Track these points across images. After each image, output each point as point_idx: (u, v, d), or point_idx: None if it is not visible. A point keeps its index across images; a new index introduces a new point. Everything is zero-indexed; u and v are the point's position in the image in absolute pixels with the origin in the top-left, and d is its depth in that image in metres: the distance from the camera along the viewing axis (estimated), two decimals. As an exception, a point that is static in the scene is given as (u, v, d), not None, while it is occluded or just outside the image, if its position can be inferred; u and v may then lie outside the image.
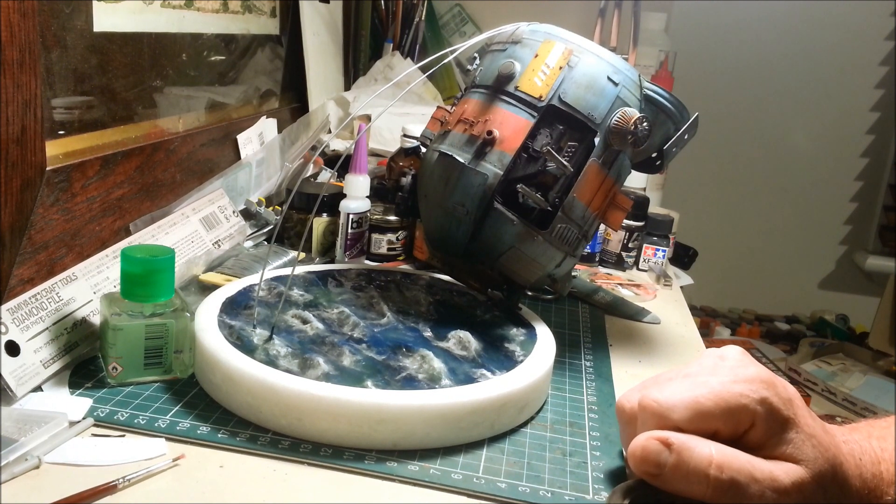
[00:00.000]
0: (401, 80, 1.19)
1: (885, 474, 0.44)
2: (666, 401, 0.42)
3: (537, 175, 0.64)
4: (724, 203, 2.08)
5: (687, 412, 0.41)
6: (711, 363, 0.45)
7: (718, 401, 0.41)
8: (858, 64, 1.95)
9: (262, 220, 0.86)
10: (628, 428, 0.47)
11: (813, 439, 0.41)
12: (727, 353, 0.45)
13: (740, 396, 0.41)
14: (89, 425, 0.49)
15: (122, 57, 0.70)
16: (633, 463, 0.42)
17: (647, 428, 0.43)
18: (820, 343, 1.80)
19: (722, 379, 0.42)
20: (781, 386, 0.42)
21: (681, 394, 0.42)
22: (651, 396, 0.43)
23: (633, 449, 0.42)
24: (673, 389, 0.43)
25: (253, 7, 0.99)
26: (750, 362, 0.44)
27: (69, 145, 0.63)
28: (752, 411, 0.41)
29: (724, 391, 0.41)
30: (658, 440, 0.41)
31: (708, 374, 0.43)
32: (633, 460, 0.42)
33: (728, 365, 0.44)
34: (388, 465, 0.48)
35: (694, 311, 1.95)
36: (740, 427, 0.41)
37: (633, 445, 0.42)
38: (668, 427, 0.42)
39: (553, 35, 0.66)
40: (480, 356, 0.57)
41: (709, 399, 0.41)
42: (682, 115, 0.68)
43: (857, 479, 0.43)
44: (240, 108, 0.98)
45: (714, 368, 0.44)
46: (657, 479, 0.41)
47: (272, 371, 0.50)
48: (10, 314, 0.51)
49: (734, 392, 0.41)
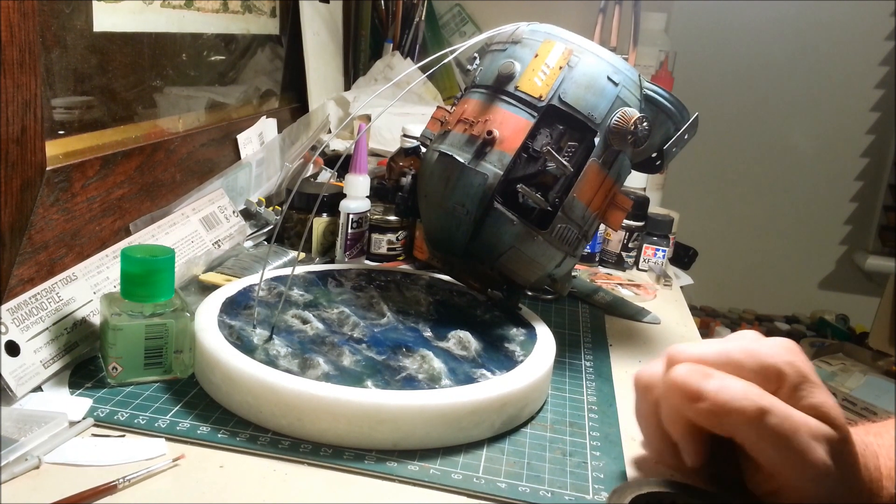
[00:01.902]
0: (401, 80, 1.19)
1: (883, 469, 0.44)
2: (697, 352, 0.42)
3: (537, 175, 0.64)
4: (724, 203, 2.08)
5: (718, 361, 0.41)
6: (731, 336, 0.45)
7: (749, 355, 0.41)
8: (858, 64, 1.95)
9: (262, 220, 0.86)
10: (648, 395, 0.45)
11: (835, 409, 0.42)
12: (744, 333, 0.46)
13: (770, 356, 0.41)
14: (89, 425, 0.49)
15: (122, 57, 0.70)
16: (669, 392, 0.41)
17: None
18: (820, 343, 1.80)
19: (747, 343, 0.43)
20: (804, 355, 0.43)
21: (710, 348, 0.42)
22: (679, 348, 0.43)
23: (672, 376, 0.40)
24: (701, 346, 0.43)
25: (253, 7, 0.99)
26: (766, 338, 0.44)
27: (69, 145, 0.63)
28: (780, 370, 0.41)
29: (754, 349, 0.42)
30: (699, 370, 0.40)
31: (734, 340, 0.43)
32: (672, 387, 0.40)
33: (751, 335, 0.44)
34: (388, 465, 0.48)
35: (694, 311, 1.94)
36: (769, 385, 0.41)
37: (673, 372, 0.40)
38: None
39: (553, 35, 0.66)
40: (480, 356, 0.57)
41: (741, 353, 0.41)
42: (682, 115, 0.68)
43: (862, 467, 0.43)
44: (240, 108, 0.98)
45: (736, 339, 0.44)
46: (695, 406, 0.39)
47: (272, 371, 0.50)
48: (10, 314, 0.51)
49: (762, 351, 0.41)
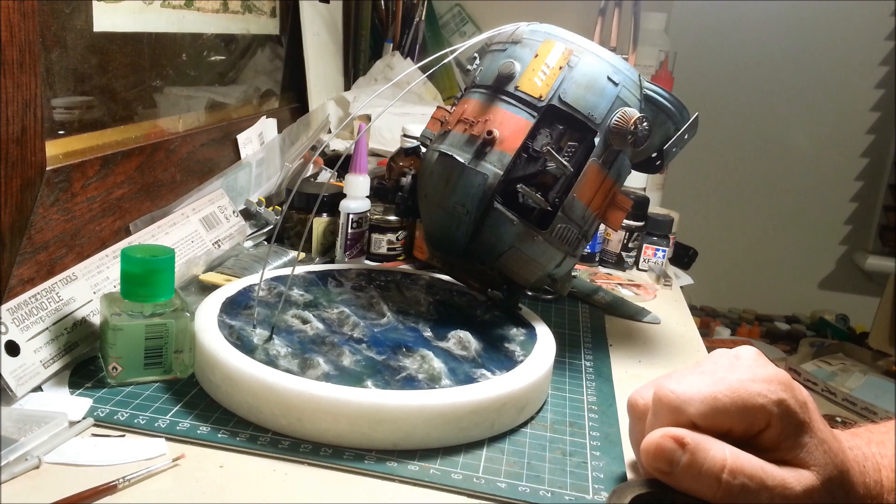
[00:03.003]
0: (401, 80, 1.19)
1: (885, 481, 0.43)
2: (683, 393, 0.42)
3: (537, 175, 0.64)
4: (724, 203, 2.08)
5: (703, 406, 0.41)
6: (727, 362, 0.44)
7: (736, 398, 0.41)
8: (858, 64, 1.95)
9: (262, 220, 0.86)
10: (639, 424, 0.46)
11: (824, 445, 0.41)
12: (743, 353, 0.45)
13: (758, 396, 0.40)
14: (89, 425, 0.49)
15: (122, 57, 0.70)
16: (645, 459, 0.41)
17: (661, 421, 0.42)
18: (820, 343, 1.80)
19: (740, 377, 0.42)
20: (798, 389, 0.42)
21: (698, 388, 0.42)
22: (668, 387, 0.42)
23: (646, 445, 0.41)
24: (690, 383, 0.42)
25: (253, 7, 0.99)
26: (766, 362, 0.44)
27: (69, 145, 0.63)
28: (769, 412, 0.40)
29: (742, 389, 0.41)
30: (673, 438, 0.40)
31: (725, 371, 0.43)
32: (646, 456, 0.41)
33: (745, 364, 0.43)
34: (388, 465, 0.48)
35: (694, 311, 1.95)
36: (755, 427, 0.41)
37: (647, 442, 0.41)
38: (683, 421, 0.41)
39: (553, 35, 0.66)
40: (480, 356, 0.57)
41: (726, 396, 0.41)
42: (682, 115, 0.68)
43: (862, 486, 0.43)
44: (240, 108, 0.98)
45: (731, 367, 0.43)
46: (668, 476, 0.41)
47: (272, 371, 0.50)
48: (10, 314, 0.51)
49: (752, 391, 0.41)
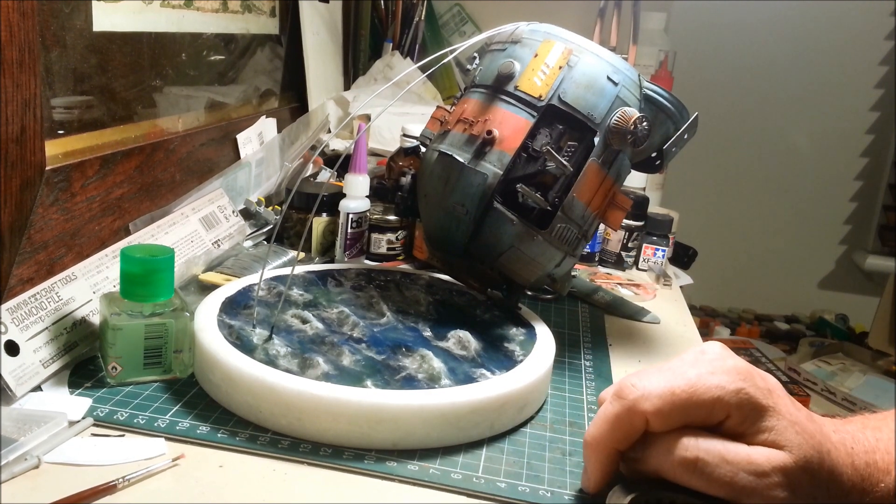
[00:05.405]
0: (400, 79, 1.19)
1: (879, 463, 0.44)
2: (644, 388, 0.43)
3: (537, 175, 0.64)
4: (724, 203, 2.08)
5: (659, 401, 0.42)
6: (692, 357, 0.45)
7: (692, 392, 0.42)
8: (858, 64, 1.95)
9: (261, 219, 0.86)
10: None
11: (796, 426, 0.42)
12: (708, 349, 0.46)
13: (715, 388, 0.42)
14: (89, 425, 0.49)
15: (121, 57, 0.70)
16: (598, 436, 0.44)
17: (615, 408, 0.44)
18: (819, 343, 1.80)
19: (699, 371, 0.43)
20: (759, 377, 0.43)
21: (657, 383, 0.43)
22: (630, 381, 0.44)
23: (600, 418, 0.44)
24: (651, 379, 0.43)
25: (252, 7, 0.99)
26: (729, 356, 0.45)
27: (69, 145, 0.63)
28: (726, 402, 0.42)
29: (700, 383, 0.42)
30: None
31: (688, 366, 0.44)
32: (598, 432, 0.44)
33: (708, 358, 0.45)
34: (387, 464, 0.48)
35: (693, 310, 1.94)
36: (714, 418, 0.42)
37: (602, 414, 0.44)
38: (638, 416, 0.43)
39: (553, 35, 0.66)
40: (480, 356, 0.57)
41: (683, 391, 0.42)
42: (681, 115, 0.68)
43: (849, 467, 0.43)
44: (239, 107, 0.98)
45: (694, 362, 0.45)
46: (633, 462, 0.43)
47: (272, 371, 0.50)
48: (10, 314, 0.51)
49: (710, 384, 0.42)
